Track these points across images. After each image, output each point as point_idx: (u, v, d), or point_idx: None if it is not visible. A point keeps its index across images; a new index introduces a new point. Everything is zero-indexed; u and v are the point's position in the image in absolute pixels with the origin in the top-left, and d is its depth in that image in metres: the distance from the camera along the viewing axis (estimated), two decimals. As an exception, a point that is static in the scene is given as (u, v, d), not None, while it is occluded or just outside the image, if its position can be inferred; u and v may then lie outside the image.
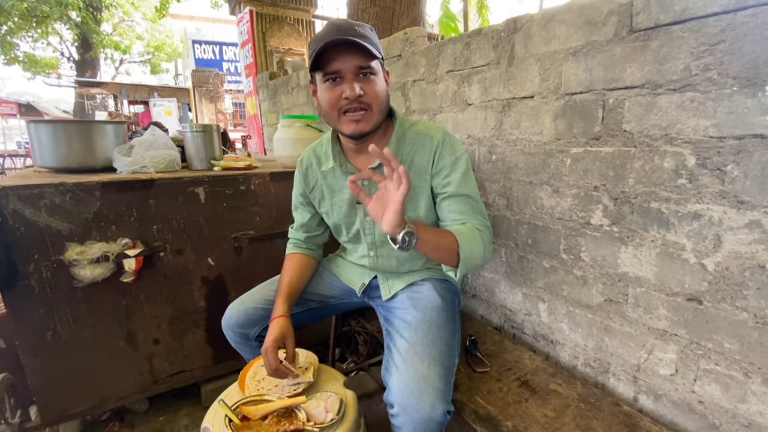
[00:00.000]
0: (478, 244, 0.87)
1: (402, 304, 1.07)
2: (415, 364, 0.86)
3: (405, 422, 0.83)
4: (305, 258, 1.17)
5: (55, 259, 1.28)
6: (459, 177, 0.93)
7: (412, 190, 0.98)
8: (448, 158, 0.94)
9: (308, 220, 1.18)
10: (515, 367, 1.01)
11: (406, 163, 0.97)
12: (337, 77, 0.88)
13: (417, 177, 0.96)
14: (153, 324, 1.48)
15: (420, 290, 1.07)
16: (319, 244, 1.24)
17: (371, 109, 0.90)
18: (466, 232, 0.87)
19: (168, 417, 1.59)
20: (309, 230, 1.20)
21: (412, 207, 1.00)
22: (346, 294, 1.23)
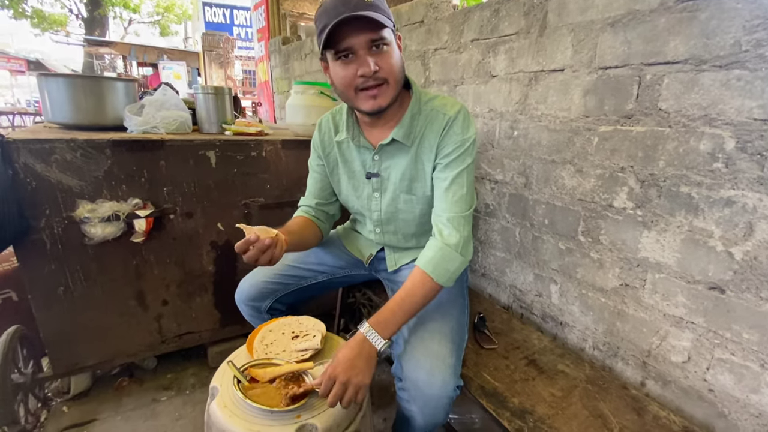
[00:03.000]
0: (450, 259, 0.85)
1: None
2: (425, 339, 0.86)
3: (414, 396, 0.83)
4: (310, 222, 1.12)
5: (66, 216, 1.28)
6: (455, 175, 0.88)
7: (421, 169, 0.94)
8: (455, 139, 0.88)
9: (321, 187, 1.14)
10: (523, 346, 1.01)
11: (416, 140, 0.92)
12: (349, 53, 0.82)
13: (427, 153, 0.92)
14: (162, 285, 1.50)
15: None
16: (329, 215, 1.19)
17: (388, 83, 0.85)
18: (433, 256, 0.86)
19: (175, 375, 1.63)
20: (321, 197, 1.16)
21: (420, 186, 0.96)
22: (354, 265, 1.22)
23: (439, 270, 0.85)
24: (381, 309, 0.84)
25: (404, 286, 0.87)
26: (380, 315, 0.83)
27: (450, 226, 0.88)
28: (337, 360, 0.78)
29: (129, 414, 1.43)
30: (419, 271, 0.87)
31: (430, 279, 0.85)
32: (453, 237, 0.87)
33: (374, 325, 0.82)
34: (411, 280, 0.87)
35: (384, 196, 1.01)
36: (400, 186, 0.97)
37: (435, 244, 0.88)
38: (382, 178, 0.99)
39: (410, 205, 0.99)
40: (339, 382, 0.76)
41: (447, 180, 0.89)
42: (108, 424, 1.38)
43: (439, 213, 0.90)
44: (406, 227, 1.06)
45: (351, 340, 0.81)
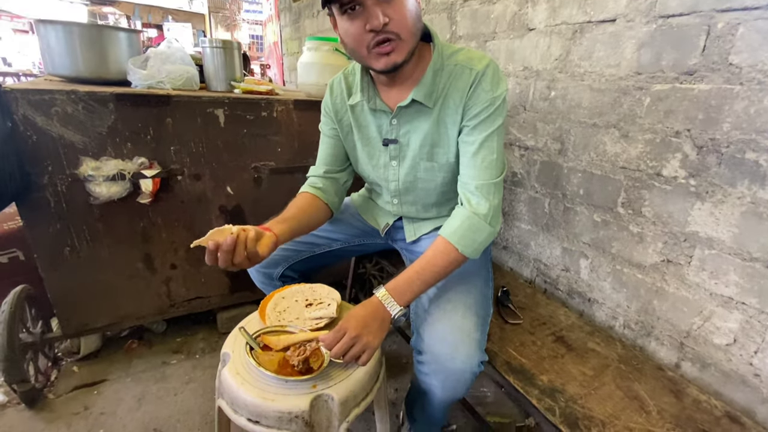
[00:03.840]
0: (478, 230, 0.79)
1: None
2: (449, 312, 0.80)
3: (437, 370, 0.79)
4: (314, 200, 1.01)
5: (69, 173, 1.22)
6: (484, 138, 0.79)
7: (444, 134, 0.85)
8: (484, 97, 0.79)
9: (334, 153, 1.04)
10: (549, 322, 0.96)
11: (439, 101, 0.83)
12: (355, 5, 0.72)
13: (451, 115, 0.83)
14: (170, 249, 1.45)
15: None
16: (340, 184, 1.07)
17: (400, 37, 0.74)
18: (459, 225, 0.79)
19: (185, 339, 1.62)
20: (332, 164, 1.05)
21: (443, 152, 0.87)
22: (369, 234, 1.16)
23: (465, 241, 0.79)
24: (398, 276, 0.79)
25: (425, 254, 0.80)
26: (397, 282, 0.78)
27: (479, 195, 0.80)
28: (350, 315, 0.73)
29: (139, 375, 1.42)
30: (443, 241, 0.80)
31: (455, 249, 0.79)
32: (482, 206, 0.79)
33: (391, 290, 0.76)
34: (433, 249, 0.80)
35: (402, 164, 0.93)
36: (420, 153, 0.89)
37: (462, 212, 0.81)
38: (400, 144, 0.91)
39: (431, 173, 0.91)
40: (349, 335, 0.72)
41: (475, 144, 0.81)
42: (118, 384, 1.38)
43: (467, 180, 0.82)
44: (426, 197, 0.98)
45: (366, 302, 0.76)
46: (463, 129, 0.83)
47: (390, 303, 0.76)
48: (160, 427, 1.22)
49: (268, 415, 0.75)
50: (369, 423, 1.24)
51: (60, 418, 1.24)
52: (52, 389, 1.35)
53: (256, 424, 0.76)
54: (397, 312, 0.76)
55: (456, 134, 0.84)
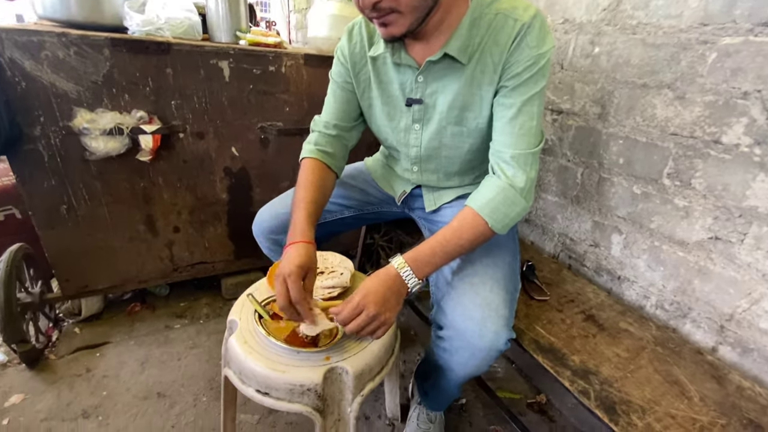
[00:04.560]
0: (512, 204, 0.71)
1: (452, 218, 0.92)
2: (476, 286, 0.74)
3: (461, 347, 0.73)
4: (326, 170, 0.91)
5: (63, 125, 1.13)
6: (525, 101, 0.70)
7: (477, 94, 0.75)
8: (528, 54, 0.69)
9: (344, 108, 0.91)
10: (578, 300, 0.90)
11: (475, 56, 0.72)
12: None
13: (488, 73, 0.73)
14: (173, 211, 1.38)
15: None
16: (347, 148, 0.96)
17: (398, 11, 0.64)
18: (492, 198, 0.71)
19: (189, 304, 1.58)
20: (342, 119, 0.92)
21: (474, 116, 0.78)
22: (384, 202, 1.08)
23: (497, 215, 0.71)
24: (419, 246, 0.71)
25: (451, 225, 0.73)
26: (418, 252, 0.71)
27: (515, 165, 0.72)
28: (367, 289, 0.66)
29: (142, 339, 1.39)
30: (472, 213, 0.72)
31: (484, 223, 0.72)
32: (519, 178, 0.72)
33: (410, 261, 0.69)
34: (460, 221, 0.73)
35: (426, 128, 0.84)
36: (447, 116, 0.79)
37: (496, 183, 0.73)
38: (425, 105, 0.81)
39: (458, 139, 0.82)
40: (367, 314, 0.65)
41: (513, 108, 0.71)
42: (121, 347, 1.35)
43: (501, 149, 0.74)
44: (449, 165, 0.89)
45: (381, 273, 0.69)
46: (500, 90, 0.73)
47: (408, 275, 0.69)
48: (164, 391, 1.19)
49: (279, 386, 0.70)
50: (377, 394, 1.20)
51: (61, 380, 1.21)
52: (53, 350, 1.32)
53: (265, 395, 0.72)
54: (415, 285, 0.69)
55: (491, 96, 0.75)
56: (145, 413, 1.12)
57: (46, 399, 1.14)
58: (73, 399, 1.14)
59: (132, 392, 1.18)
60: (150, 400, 1.16)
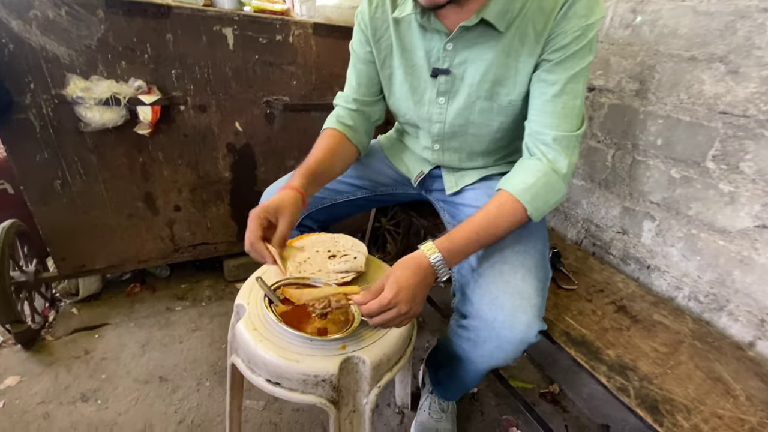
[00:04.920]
0: (554, 191, 0.67)
1: (476, 201, 0.86)
2: (505, 274, 0.68)
3: (487, 338, 0.68)
4: (345, 141, 0.87)
5: (55, 93, 1.06)
6: (570, 77, 0.64)
7: (514, 67, 0.68)
8: (575, 24, 0.62)
9: (366, 81, 0.86)
10: (607, 289, 0.84)
11: (514, 24, 0.65)
12: None
13: (529, 44, 0.66)
14: (173, 189, 1.32)
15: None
16: (370, 123, 0.92)
17: None
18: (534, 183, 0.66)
19: (190, 286, 1.53)
20: (364, 94, 0.88)
21: (507, 91, 0.71)
22: (399, 183, 1.02)
23: (537, 202, 0.66)
24: (452, 234, 0.65)
25: (487, 211, 0.67)
26: (453, 242, 0.64)
27: (557, 149, 0.66)
28: (399, 285, 0.60)
29: (142, 321, 1.34)
30: (510, 199, 0.66)
31: (523, 211, 0.66)
32: (561, 163, 0.66)
33: (445, 253, 0.63)
34: (497, 207, 0.67)
35: (453, 102, 0.76)
36: (478, 89, 0.72)
37: (537, 167, 0.67)
38: (453, 76, 0.74)
39: (487, 116, 0.75)
40: (399, 311, 0.60)
41: (557, 84, 0.65)
42: (120, 329, 1.30)
43: (541, 129, 0.67)
44: (475, 144, 0.82)
45: (412, 263, 0.63)
46: (541, 64, 0.66)
47: (440, 265, 0.63)
48: (165, 375, 1.15)
49: (292, 377, 0.65)
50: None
51: (59, 361, 1.16)
52: (50, 331, 1.27)
53: (276, 385, 0.67)
54: (446, 276, 0.64)
55: (530, 69, 0.67)
56: (146, 397, 1.07)
57: (42, 381, 1.10)
58: (71, 382, 1.10)
59: (132, 375, 1.14)
60: (151, 384, 1.12)
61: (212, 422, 1.02)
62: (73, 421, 1.00)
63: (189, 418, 1.03)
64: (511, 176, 0.70)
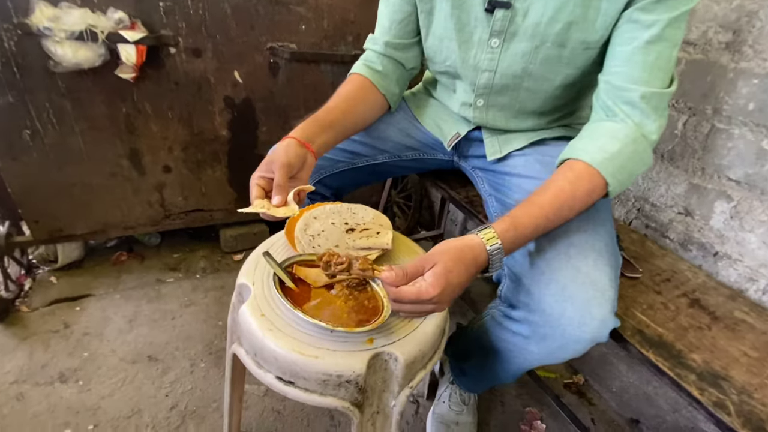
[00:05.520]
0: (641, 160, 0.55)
1: (527, 169, 0.71)
2: (574, 259, 0.55)
3: (549, 335, 0.55)
4: (371, 88, 0.73)
5: (18, 23, 0.88)
6: (668, 21, 0.51)
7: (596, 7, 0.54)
8: None
9: (401, 18, 0.71)
10: (674, 279, 0.72)
11: None
12: None
13: None
14: (163, 146, 1.15)
15: (555, 153, 0.71)
16: (404, 71, 0.77)
17: None
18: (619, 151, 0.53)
19: (183, 256, 1.39)
20: (398, 35, 0.73)
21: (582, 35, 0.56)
22: (428, 147, 0.86)
23: (621, 175, 0.54)
24: (519, 220, 0.52)
25: (559, 189, 0.53)
26: (519, 229, 0.51)
27: (645, 109, 0.53)
28: (448, 281, 0.47)
29: (129, 293, 1.21)
30: (589, 172, 0.53)
31: (603, 186, 0.54)
32: (650, 126, 0.54)
33: (508, 243, 0.50)
34: (572, 183, 0.53)
35: (509, 45, 0.62)
36: (546, 30, 0.58)
37: (623, 132, 0.54)
38: (514, 11, 0.58)
39: (551, 66, 0.61)
40: (435, 309, 0.49)
41: (654, 27, 0.51)
42: (105, 301, 1.17)
43: (625, 84, 0.54)
44: (528, 101, 0.68)
45: (468, 255, 0.50)
46: (632, 3, 0.52)
47: (497, 255, 0.50)
48: (155, 354, 1.03)
49: (309, 376, 0.52)
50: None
51: (35, 336, 1.04)
52: (25, 301, 1.14)
53: (289, 384, 0.55)
54: (499, 267, 0.51)
55: (619, 8, 0.53)
56: (133, 379, 0.96)
57: (16, 358, 0.97)
58: (49, 360, 0.98)
59: (118, 354, 1.02)
60: (139, 363, 1.00)
61: (208, 408, 0.92)
62: (51, 404, 0.89)
63: (182, 403, 0.92)
64: (585, 143, 0.56)
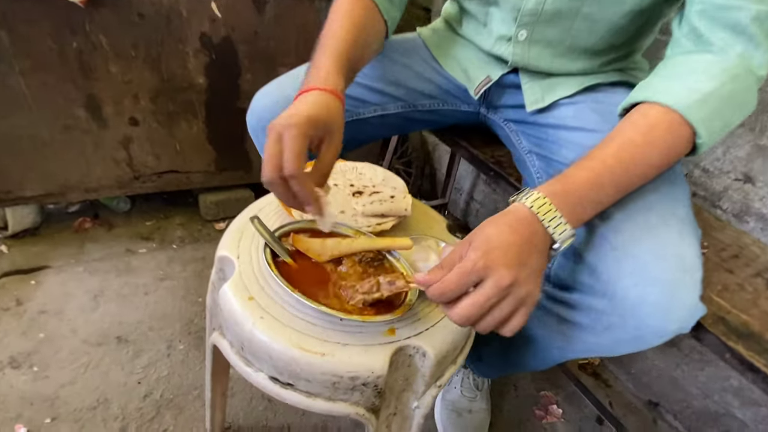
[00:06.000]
0: (744, 102, 0.41)
1: (579, 121, 0.58)
2: (654, 228, 0.43)
3: (619, 325, 0.44)
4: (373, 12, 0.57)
5: None
6: None
7: None
8: None
9: None
10: (742, 255, 0.62)
11: None
12: None
13: None
14: (127, 94, 0.97)
15: (615, 101, 0.57)
16: None
17: None
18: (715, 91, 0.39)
19: (157, 223, 1.23)
20: None
21: None
22: (450, 95, 0.71)
23: (715, 123, 0.40)
24: (570, 173, 0.39)
25: (627, 140, 0.40)
26: (569, 183, 0.39)
27: (758, 34, 0.39)
28: (490, 243, 0.34)
29: (95, 265, 1.06)
30: (669, 118, 0.40)
31: (689, 136, 0.40)
32: (762, 58, 0.40)
33: (559, 199, 0.37)
34: (646, 132, 0.40)
35: None
36: None
37: (722, 66, 0.40)
38: None
39: None
40: (496, 283, 0.33)
41: None
42: (66, 274, 1.02)
43: (729, 2, 0.40)
44: (583, 35, 0.54)
45: (506, 217, 0.37)
46: None
47: (557, 224, 0.37)
48: (126, 335, 0.90)
49: (314, 377, 0.40)
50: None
51: (-20, 314, 0.89)
52: (-32, 273, 0.98)
53: (287, 387, 0.42)
54: (566, 239, 0.37)
55: None
56: (99, 363, 0.83)
57: (-44, 340, 0.83)
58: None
59: (80, 335, 0.88)
60: (106, 346, 0.87)
61: (187, 396, 0.80)
62: (0, 392, 0.75)
63: (157, 390, 0.80)
64: (664, 81, 0.43)
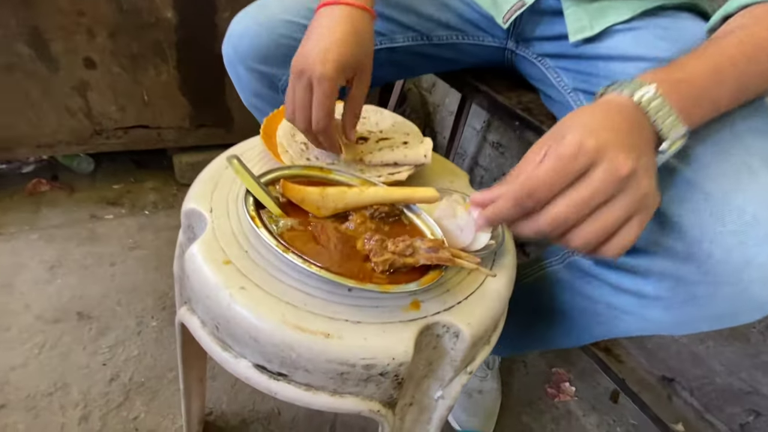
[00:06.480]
0: None
1: (640, 48, 0.47)
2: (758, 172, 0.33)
3: (708, 296, 0.35)
4: None
5: None
6: None
7: None
8: None
9: None
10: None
11: None
12: None
13: None
14: (79, 28, 0.81)
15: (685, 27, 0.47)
16: None
17: None
18: None
19: (126, 187, 1.10)
20: None
21: None
22: (473, 25, 0.60)
23: None
24: (682, 63, 0.31)
25: (750, 34, 0.32)
26: (681, 69, 0.30)
27: None
28: (586, 126, 0.26)
29: (53, 232, 0.93)
30: None
31: None
32: None
33: (669, 86, 0.28)
34: None
35: None
36: None
37: None
38: None
39: None
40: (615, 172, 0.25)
41: None
42: (18, 242, 0.89)
43: None
44: None
45: (601, 105, 0.29)
46: None
47: (667, 116, 0.28)
48: (88, 310, 0.78)
49: (315, 366, 0.30)
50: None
51: None
52: None
53: (279, 378, 0.32)
54: (679, 137, 0.29)
55: None
56: (56, 343, 0.72)
57: None
58: (-70, 319, 0.71)
59: (34, 311, 0.76)
60: (65, 323, 0.76)
61: (162, 380, 0.70)
62: (-66, 378, 0.64)
63: (125, 373, 0.70)
64: None
